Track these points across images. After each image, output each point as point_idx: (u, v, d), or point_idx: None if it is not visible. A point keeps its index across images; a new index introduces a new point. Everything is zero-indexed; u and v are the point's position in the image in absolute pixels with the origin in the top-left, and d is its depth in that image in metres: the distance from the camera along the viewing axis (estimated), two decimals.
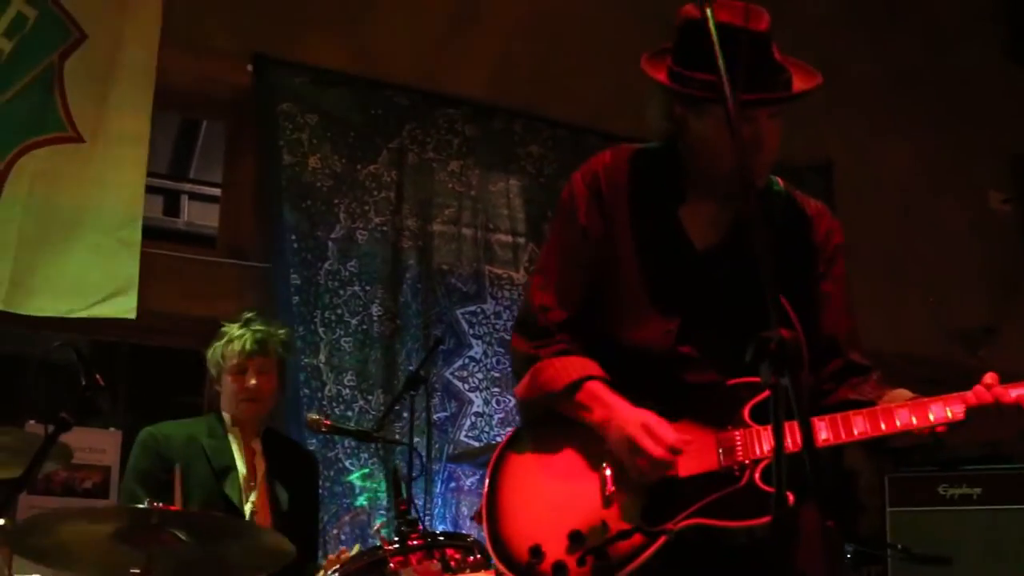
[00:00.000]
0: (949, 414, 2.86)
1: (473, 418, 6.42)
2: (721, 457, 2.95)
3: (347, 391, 6.21)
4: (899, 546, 5.91)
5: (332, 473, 6.04)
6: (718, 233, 3.14)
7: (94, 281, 5.88)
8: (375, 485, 6.03)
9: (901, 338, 6.85)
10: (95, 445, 6.10)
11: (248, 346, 4.94)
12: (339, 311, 6.29)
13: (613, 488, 3.01)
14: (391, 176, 6.55)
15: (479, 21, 6.91)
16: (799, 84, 3.05)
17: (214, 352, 5.04)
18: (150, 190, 7.48)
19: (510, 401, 5.51)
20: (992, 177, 8.08)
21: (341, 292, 6.31)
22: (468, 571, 4.03)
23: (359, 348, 6.28)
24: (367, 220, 6.46)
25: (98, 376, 3.66)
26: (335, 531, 5.74)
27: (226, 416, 5.03)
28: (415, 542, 4.10)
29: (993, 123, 7.94)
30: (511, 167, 6.88)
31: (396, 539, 4.15)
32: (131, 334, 6.50)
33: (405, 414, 5.72)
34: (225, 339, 5.01)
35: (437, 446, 6.30)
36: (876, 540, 6.17)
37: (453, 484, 6.32)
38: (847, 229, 7.53)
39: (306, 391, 6.10)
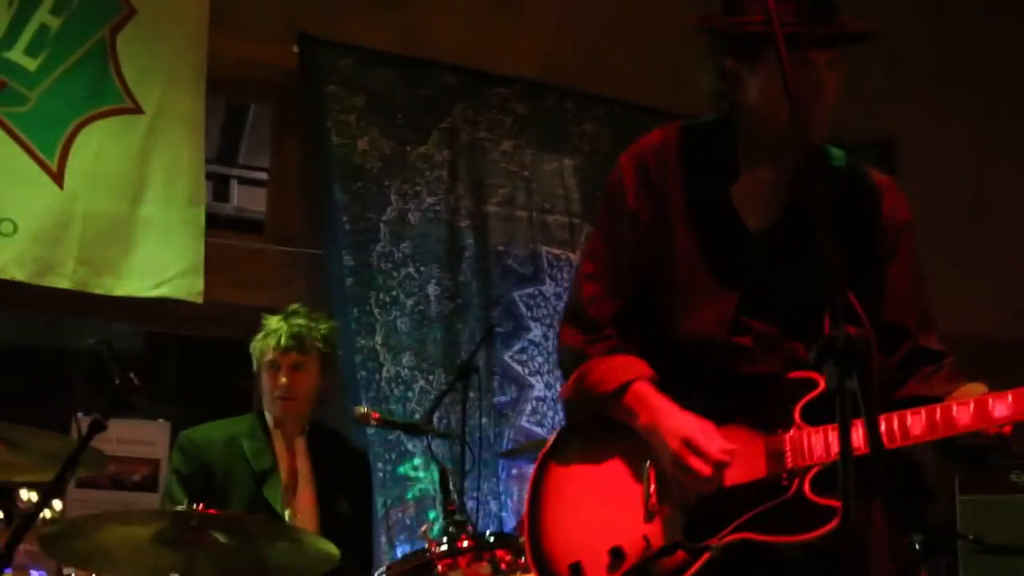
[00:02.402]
0: (1015, 414, 2.64)
1: (534, 403, 6.30)
2: (769, 464, 2.77)
3: (405, 371, 6.11)
4: (970, 536, 5.74)
5: (394, 456, 5.94)
6: (775, 210, 2.97)
7: (162, 260, 5.85)
8: (425, 476, 5.90)
9: (966, 320, 6.63)
10: (144, 437, 6.02)
11: (283, 341, 4.78)
12: (394, 292, 6.19)
13: (656, 501, 2.86)
14: (443, 156, 6.44)
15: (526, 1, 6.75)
16: (855, 28, 2.88)
17: (253, 346, 4.91)
18: None
19: None
20: None
21: (395, 273, 6.22)
22: (519, 573, 3.90)
23: (416, 328, 6.19)
24: (420, 201, 6.34)
25: (131, 375, 3.53)
26: (400, 514, 5.62)
27: (268, 415, 4.89)
28: (464, 544, 3.96)
29: None
30: (564, 146, 6.73)
31: (444, 541, 4.01)
32: (180, 324, 6.43)
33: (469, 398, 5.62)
34: (263, 333, 4.86)
35: (497, 431, 6.20)
36: (945, 529, 5.96)
37: (515, 471, 6.19)
38: (913, 210, 7.38)
39: (363, 373, 6.00)
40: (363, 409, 5.08)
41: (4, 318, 6.31)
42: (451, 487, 4.34)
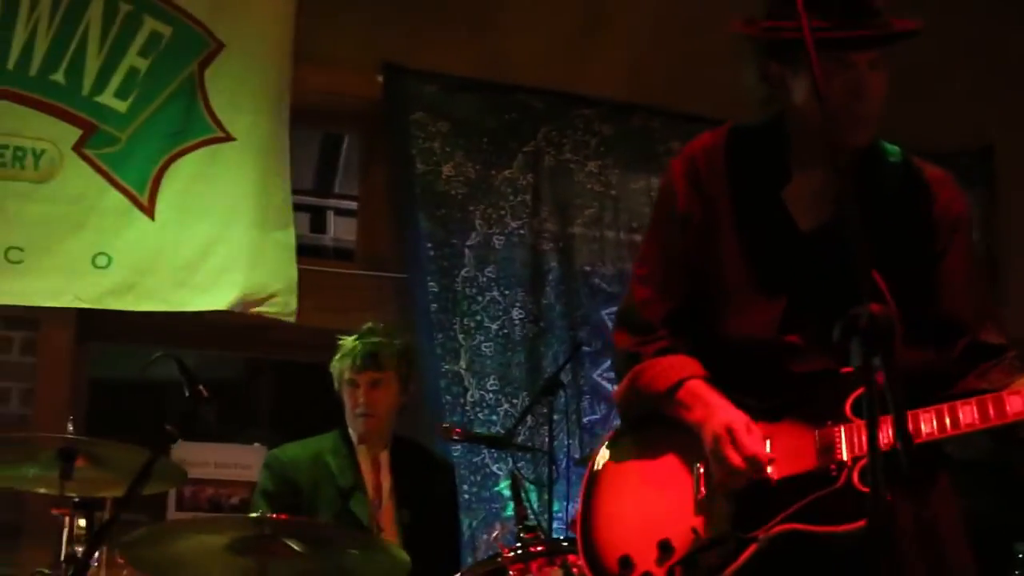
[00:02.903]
0: None
1: None
2: (819, 456, 2.77)
3: (490, 395, 6.15)
4: None
5: (479, 479, 5.98)
6: (826, 210, 2.95)
7: (258, 280, 5.96)
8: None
9: None
10: (241, 461, 6.17)
11: (358, 360, 4.87)
12: (478, 317, 6.24)
13: (705, 492, 2.87)
14: (527, 180, 6.48)
15: (610, 20, 6.77)
16: (897, 27, 2.88)
17: (332, 366, 5.00)
18: (296, 208, 7.57)
19: None
20: None
21: (479, 298, 6.27)
22: None
23: (500, 352, 6.23)
24: (503, 225, 6.40)
25: (202, 387, 3.62)
26: (486, 538, 5.65)
27: (351, 432, 4.97)
28: (536, 548, 3.98)
29: None
30: (651, 165, 6.70)
31: (516, 546, 4.03)
32: (274, 350, 6.56)
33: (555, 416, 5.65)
34: (340, 353, 4.96)
35: (589, 449, 6.16)
36: None
37: None
38: (1011, 218, 7.25)
39: (448, 398, 6.06)
40: (446, 424, 5.16)
41: (103, 351, 6.45)
42: (522, 494, 4.35)
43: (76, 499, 4.19)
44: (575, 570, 3.92)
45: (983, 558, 5.59)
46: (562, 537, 4.15)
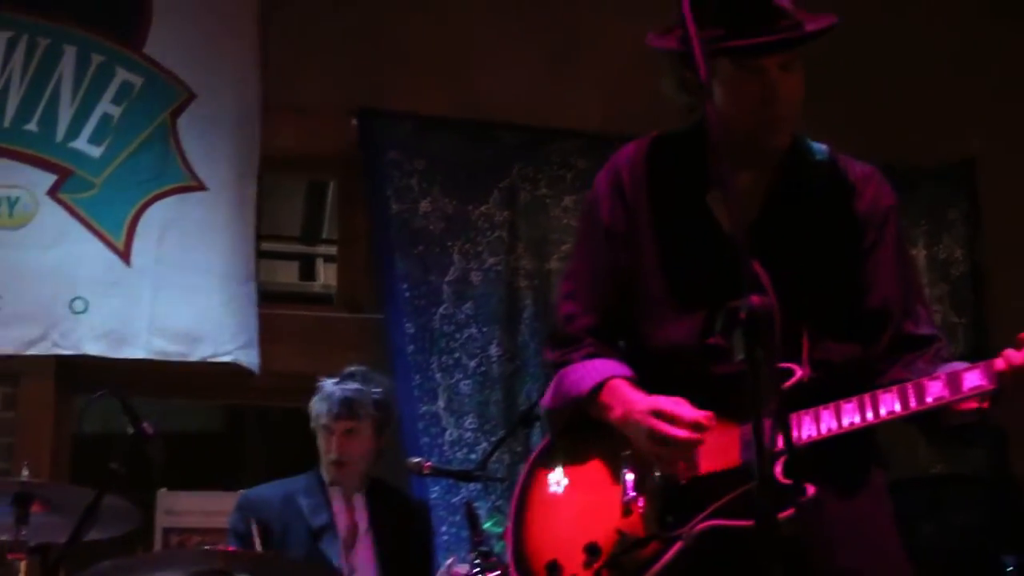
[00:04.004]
0: (985, 383, 2.63)
1: None
2: (742, 452, 2.77)
3: (468, 434, 6.16)
4: None
5: (458, 518, 5.92)
6: (752, 210, 2.97)
7: (228, 330, 6.03)
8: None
9: None
10: (227, 509, 6.14)
11: (334, 408, 4.91)
12: (456, 355, 6.26)
13: (632, 494, 2.87)
14: (503, 216, 6.52)
15: (581, 54, 6.83)
16: (805, 30, 2.88)
17: (310, 407, 5.03)
18: (284, 256, 7.65)
19: None
20: None
21: (457, 335, 6.29)
22: None
23: (479, 390, 6.24)
24: (481, 261, 6.43)
25: (146, 425, 3.67)
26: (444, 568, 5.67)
27: (324, 473, 5.00)
28: (492, 574, 3.99)
29: None
30: None
31: (473, 571, 4.05)
32: (259, 397, 6.61)
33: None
34: (318, 396, 4.99)
35: None
36: None
37: None
38: (995, 228, 7.23)
39: (426, 439, 6.07)
40: (415, 460, 5.15)
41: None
42: (477, 521, 4.37)
43: (32, 544, 4.19)
44: None
45: (972, 570, 5.60)
46: None
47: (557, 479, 3.05)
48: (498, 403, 6.24)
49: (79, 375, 6.05)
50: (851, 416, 2.73)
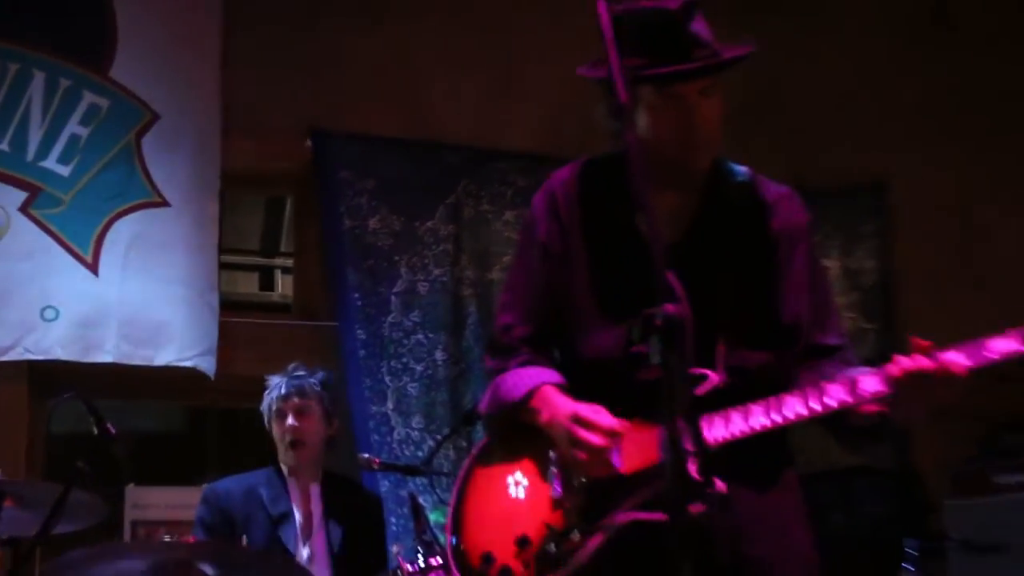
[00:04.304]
0: (881, 387, 2.69)
1: None
2: (662, 451, 2.78)
3: (416, 433, 6.18)
4: (955, 538, 5.80)
5: (406, 510, 5.90)
6: (678, 229, 3.00)
7: (190, 337, 6.04)
8: None
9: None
10: (190, 502, 6.16)
11: (284, 390, 4.96)
12: (404, 359, 6.29)
13: (560, 491, 2.90)
14: (448, 230, 6.55)
15: (520, 81, 6.88)
16: (720, 58, 2.91)
17: (262, 406, 5.08)
18: (245, 267, 7.67)
19: None
20: None
21: (405, 342, 6.32)
22: None
23: (425, 392, 6.27)
24: (427, 272, 6.45)
25: (108, 426, 3.70)
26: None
27: (283, 466, 5.05)
28: (434, 560, 4.03)
29: None
30: None
31: (416, 559, 4.09)
32: (219, 398, 6.63)
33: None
34: (268, 390, 5.04)
35: None
36: (936, 533, 5.95)
37: None
38: (906, 251, 7.33)
39: (376, 437, 6.09)
40: (366, 456, 5.22)
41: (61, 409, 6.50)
42: (422, 512, 4.41)
43: (4, 537, 4.21)
44: None
45: (878, 554, 5.69)
46: None
47: (493, 477, 3.06)
48: (444, 404, 6.27)
49: (51, 379, 6.01)
50: (758, 418, 2.77)
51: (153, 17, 6.28)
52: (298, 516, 4.94)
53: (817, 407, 2.74)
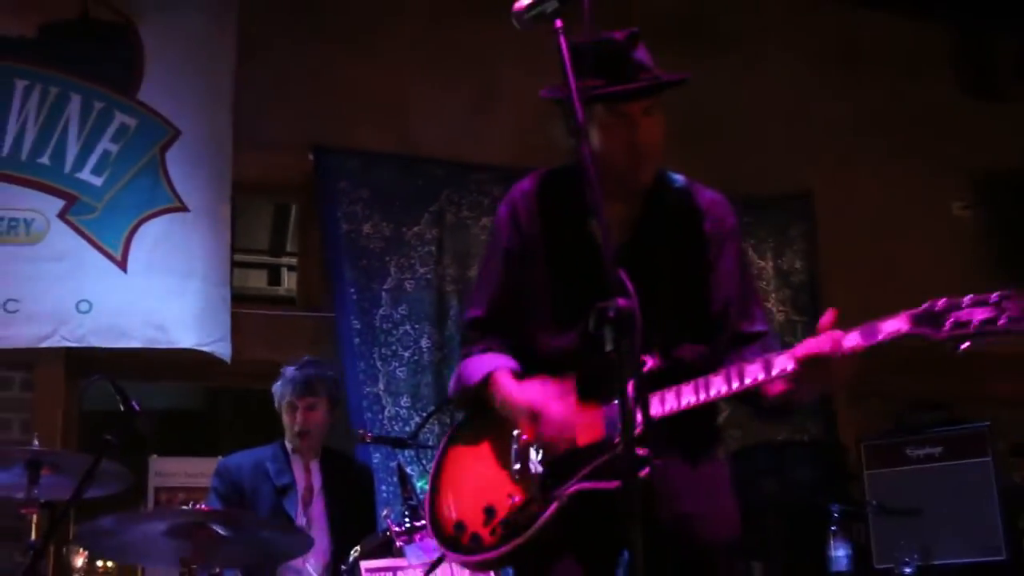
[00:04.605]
0: (791, 365, 2.71)
1: None
2: (606, 428, 2.84)
3: (404, 411, 6.18)
4: (875, 503, 5.83)
5: (395, 479, 5.88)
6: (624, 234, 3.01)
7: (206, 324, 6.02)
8: None
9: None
10: (206, 471, 6.18)
11: (298, 388, 5.00)
12: (393, 347, 6.28)
13: (517, 466, 2.92)
14: (432, 234, 6.55)
15: (497, 102, 6.90)
16: (665, 78, 2.95)
17: (275, 390, 5.09)
18: (255, 265, 7.66)
19: None
20: (953, 192, 7.81)
21: (394, 332, 6.31)
22: None
23: (412, 375, 6.27)
24: (414, 271, 6.45)
25: (133, 403, 3.70)
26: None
27: (288, 444, 5.05)
28: (418, 523, 4.04)
29: (953, 147, 7.68)
30: None
31: (403, 521, 4.10)
32: (234, 380, 6.63)
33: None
34: (282, 380, 5.05)
35: None
36: (857, 499, 6.01)
37: None
38: (830, 252, 7.37)
39: (369, 415, 6.10)
40: (360, 431, 5.24)
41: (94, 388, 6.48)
42: (407, 480, 4.42)
43: (42, 501, 4.23)
44: None
45: (807, 516, 5.72)
46: None
47: (464, 454, 3.09)
48: (428, 385, 6.26)
49: (85, 363, 6.00)
50: (688, 397, 2.80)
51: (175, 46, 6.27)
52: (300, 487, 4.98)
53: (736, 384, 2.77)
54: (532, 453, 2.91)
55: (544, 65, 2.62)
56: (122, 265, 5.96)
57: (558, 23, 2.65)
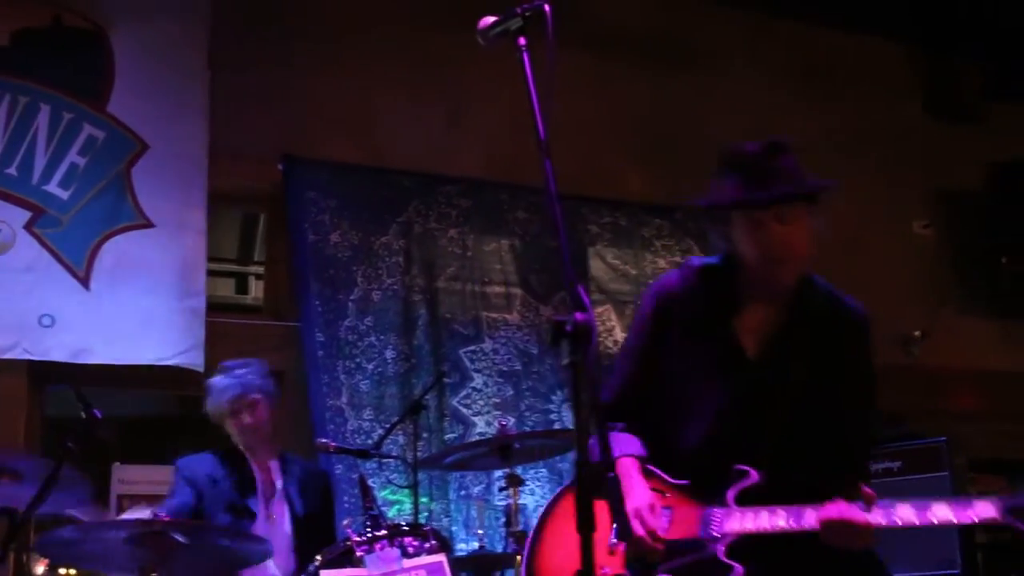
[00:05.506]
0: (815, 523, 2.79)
1: (477, 438, 6.24)
2: (701, 528, 2.92)
3: (366, 423, 6.17)
4: None
5: (356, 490, 5.90)
6: (762, 340, 3.05)
7: (172, 339, 6.00)
8: (400, 498, 5.94)
9: None
10: (170, 479, 6.16)
11: (235, 392, 4.94)
12: (358, 359, 6.28)
13: (614, 540, 2.97)
14: (400, 244, 6.55)
15: (465, 115, 6.93)
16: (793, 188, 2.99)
17: (208, 410, 5.04)
18: (223, 274, 7.62)
19: (508, 421, 5.42)
20: (914, 211, 7.92)
21: (359, 343, 6.31)
22: (424, 555, 3.94)
23: (376, 387, 6.26)
24: (381, 282, 6.45)
25: (95, 411, 3.69)
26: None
27: (240, 446, 5.02)
28: (379, 532, 4.03)
29: (915, 166, 7.78)
30: (502, 230, 6.83)
31: (364, 531, 4.09)
32: (199, 388, 6.57)
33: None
34: (212, 393, 5.01)
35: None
36: None
37: (464, 492, 6.25)
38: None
39: (331, 427, 6.08)
40: (323, 441, 5.22)
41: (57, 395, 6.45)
42: (368, 490, 4.42)
43: (0, 507, 4.17)
44: (410, 549, 3.97)
45: None
46: (401, 522, 4.16)
47: (567, 516, 3.11)
48: (392, 396, 6.25)
49: (48, 372, 5.97)
50: (778, 520, 2.85)
51: (147, 55, 6.25)
52: (260, 487, 4.93)
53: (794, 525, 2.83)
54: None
55: (513, 77, 2.64)
56: (85, 282, 5.93)
57: (522, 41, 2.68)
